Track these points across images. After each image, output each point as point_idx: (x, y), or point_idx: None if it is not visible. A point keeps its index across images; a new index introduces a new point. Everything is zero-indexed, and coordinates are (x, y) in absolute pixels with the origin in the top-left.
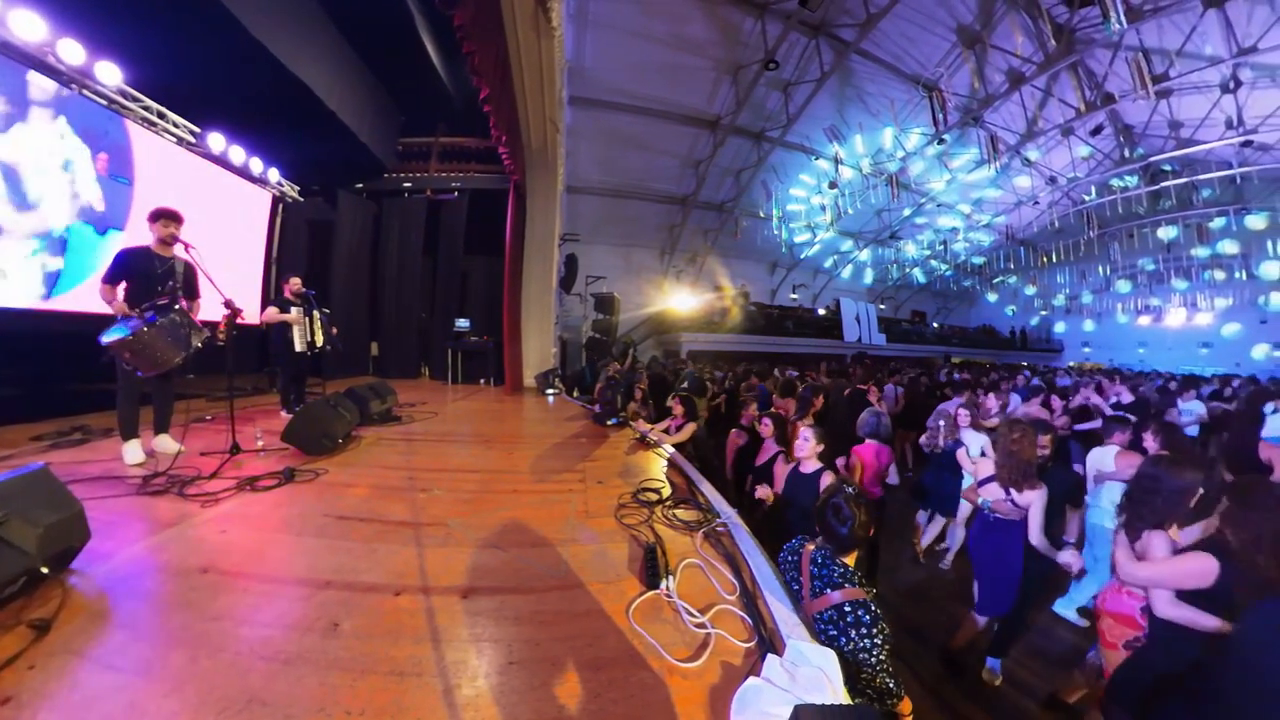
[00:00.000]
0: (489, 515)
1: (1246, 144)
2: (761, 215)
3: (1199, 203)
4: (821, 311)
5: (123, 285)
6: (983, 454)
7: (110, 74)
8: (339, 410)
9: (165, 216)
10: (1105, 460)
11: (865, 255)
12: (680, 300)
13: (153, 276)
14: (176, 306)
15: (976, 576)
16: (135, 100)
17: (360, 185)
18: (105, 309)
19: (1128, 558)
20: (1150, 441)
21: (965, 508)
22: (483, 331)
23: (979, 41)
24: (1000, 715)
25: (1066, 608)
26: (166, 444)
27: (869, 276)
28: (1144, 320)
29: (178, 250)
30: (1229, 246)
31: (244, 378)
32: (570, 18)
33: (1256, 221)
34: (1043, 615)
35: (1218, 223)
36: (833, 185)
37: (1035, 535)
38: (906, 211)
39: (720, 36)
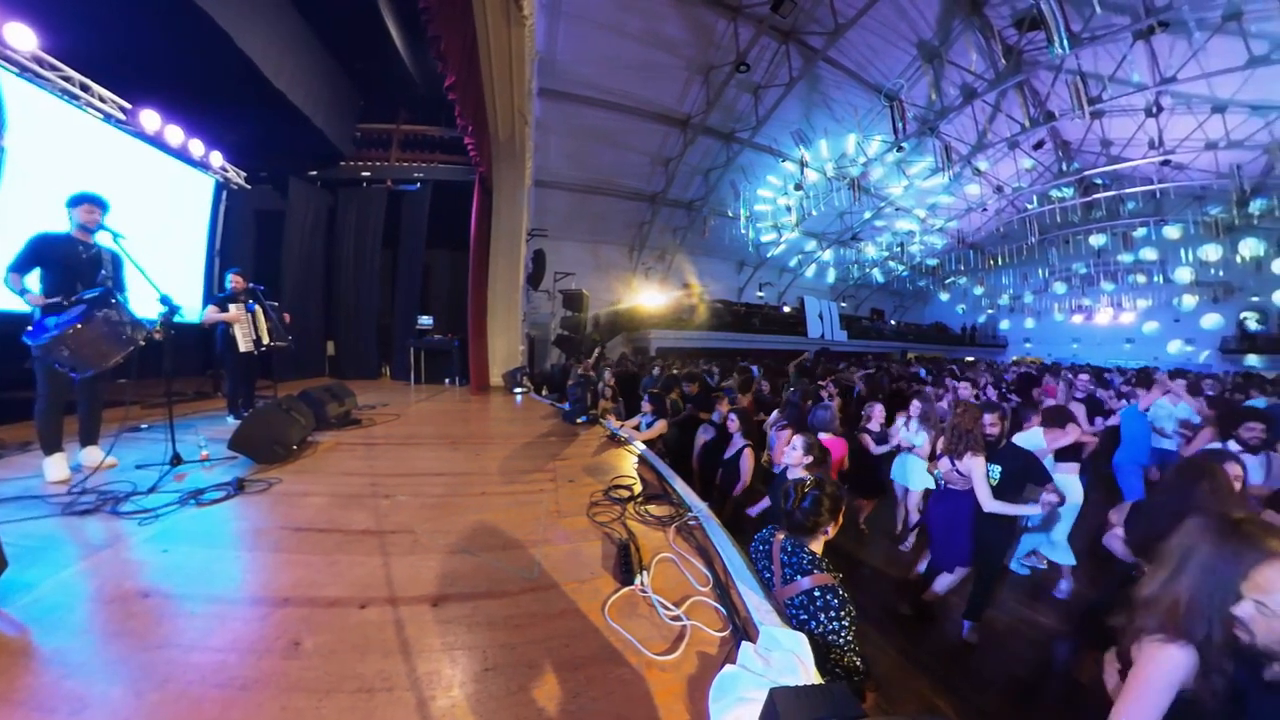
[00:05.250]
0: (457, 519)
1: (1165, 163)
2: (729, 214)
3: (1125, 214)
4: (786, 309)
5: (36, 273)
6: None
7: (23, 38)
8: (292, 414)
9: (87, 202)
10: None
11: (828, 255)
12: (649, 297)
13: (76, 267)
14: (112, 300)
15: (931, 540)
16: (54, 70)
17: (314, 173)
18: (14, 306)
19: None
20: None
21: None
22: (447, 329)
23: (937, 57)
24: (966, 681)
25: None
26: (95, 457)
27: (831, 276)
28: (1077, 319)
29: (100, 238)
30: (1149, 254)
31: (185, 381)
32: (543, 8)
33: (1172, 232)
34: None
35: (1140, 232)
36: (798, 187)
37: (985, 501)
38: (867, 214)
39: (693, 36)
